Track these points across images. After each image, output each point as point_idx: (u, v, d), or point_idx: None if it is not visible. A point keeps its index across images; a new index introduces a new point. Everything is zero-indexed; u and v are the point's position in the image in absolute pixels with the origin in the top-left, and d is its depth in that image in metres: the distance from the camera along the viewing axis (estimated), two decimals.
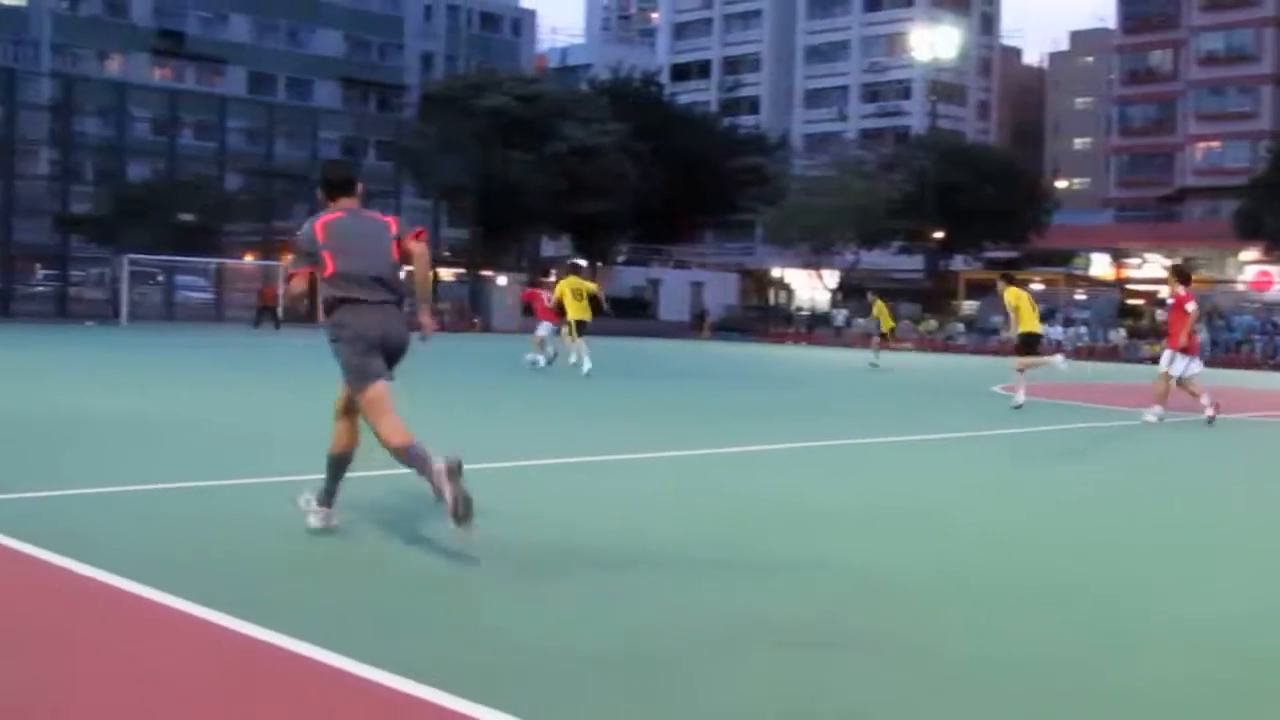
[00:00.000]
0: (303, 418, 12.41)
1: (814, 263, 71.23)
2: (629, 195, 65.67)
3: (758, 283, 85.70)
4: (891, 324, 34.44)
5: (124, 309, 47.25)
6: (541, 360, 23.52)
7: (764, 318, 71.81)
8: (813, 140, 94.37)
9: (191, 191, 56.56)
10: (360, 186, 6.80)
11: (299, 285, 6.63)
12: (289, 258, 6.76)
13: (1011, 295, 17.86)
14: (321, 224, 6.62)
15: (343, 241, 6.55)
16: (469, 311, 57.80)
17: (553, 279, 28.39)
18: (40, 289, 53.96)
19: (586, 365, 21.36)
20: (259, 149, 58.87)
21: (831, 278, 72.76)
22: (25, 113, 56.22)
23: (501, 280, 60.33)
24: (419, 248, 6.59)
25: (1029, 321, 18.02)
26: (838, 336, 58.02)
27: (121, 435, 10.37)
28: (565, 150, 63.23)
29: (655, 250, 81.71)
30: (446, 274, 60.73)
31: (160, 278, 54.16)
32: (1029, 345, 18.18)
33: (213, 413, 12.93)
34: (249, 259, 56.55)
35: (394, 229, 6.63)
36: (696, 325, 60.04)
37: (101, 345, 28.77)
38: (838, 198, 64.48)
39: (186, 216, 54.98)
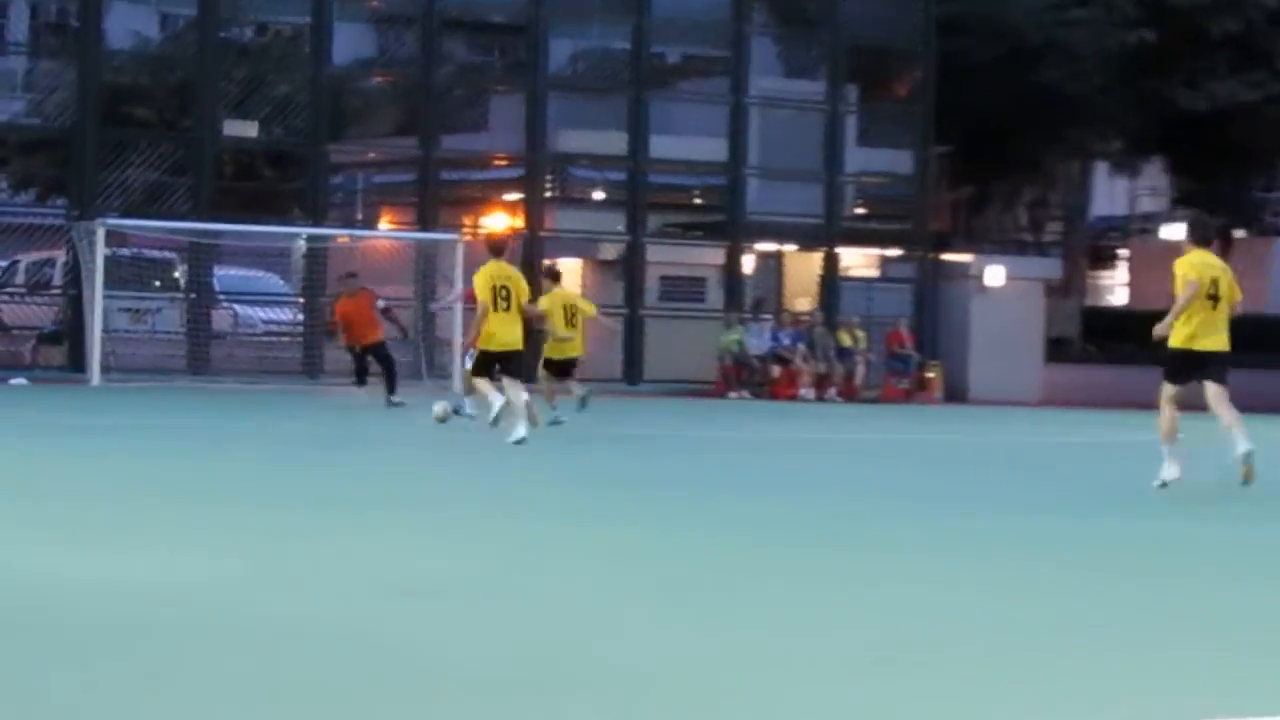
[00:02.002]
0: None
1: None
2: None
3: None
4: (567, 347, 31.74)
5: (95, 346, 42.59)
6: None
7: None
8: None
9: (246, 71, 51.69)
10: None
11: None
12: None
13: (1182, 266, 20.19)
14: None
15: None
16: (912, 350, 50.88)
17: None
18: None
19: (519, 431, 25.68)
20: None
21: None
22: None
23: (994, 273, 53.28)
24: None
25: (1185, 331, 19.55)
26: None
27: (114, 637, 10.11)
28: None
29: None
30: (855, 260, 52.52)
31: (180, 273, 49.05)
32: (1174, 366, 20.03)
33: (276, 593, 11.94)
34: (387, 226, 53.13)
35: None
36: None
37: (31, 446, 26.49)
38: None
39: (244, 128, 50.30)
